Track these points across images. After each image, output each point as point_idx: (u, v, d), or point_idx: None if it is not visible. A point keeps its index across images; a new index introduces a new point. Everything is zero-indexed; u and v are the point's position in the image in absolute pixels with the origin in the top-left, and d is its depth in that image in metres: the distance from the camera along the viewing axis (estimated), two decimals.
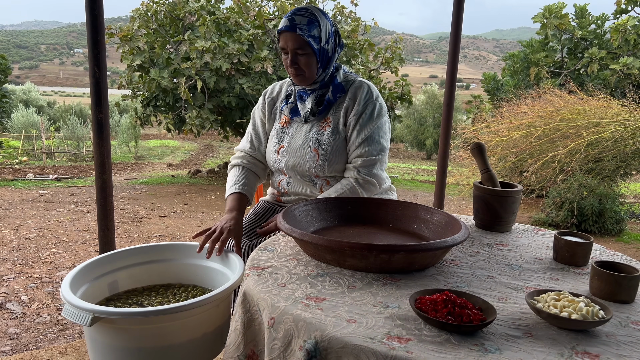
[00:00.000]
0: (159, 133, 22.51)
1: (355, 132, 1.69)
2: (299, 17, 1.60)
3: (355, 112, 1.69)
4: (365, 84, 1.73)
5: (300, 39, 1.59)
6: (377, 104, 1.71)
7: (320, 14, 1.64)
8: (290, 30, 1.59)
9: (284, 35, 1.62)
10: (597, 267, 1.07)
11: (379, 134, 1.70)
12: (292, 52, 1.62)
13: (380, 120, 1.71)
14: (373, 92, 1.73)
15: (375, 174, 1.68)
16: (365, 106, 1.69)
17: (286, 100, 1.80)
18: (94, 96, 2.04)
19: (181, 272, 1.73)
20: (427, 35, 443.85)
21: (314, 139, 1.70)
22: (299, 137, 1.73)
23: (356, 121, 1.69)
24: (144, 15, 7.96)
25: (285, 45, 1.63)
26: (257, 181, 1.86)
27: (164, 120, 8.06)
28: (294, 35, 1.59)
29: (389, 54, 8.76)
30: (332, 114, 1.72)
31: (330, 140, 1.68)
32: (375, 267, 1.14)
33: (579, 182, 5.35)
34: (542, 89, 6.73)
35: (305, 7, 1.64)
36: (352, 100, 1.70)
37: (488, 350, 0.82)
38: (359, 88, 1.71)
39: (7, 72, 16.33)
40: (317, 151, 1.69)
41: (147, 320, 1.30)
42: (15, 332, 2.53)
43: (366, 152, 1.67)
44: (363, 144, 1.68)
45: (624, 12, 7.88)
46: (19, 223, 4.89)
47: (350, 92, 1.72)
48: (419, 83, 41.01)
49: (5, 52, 61.28)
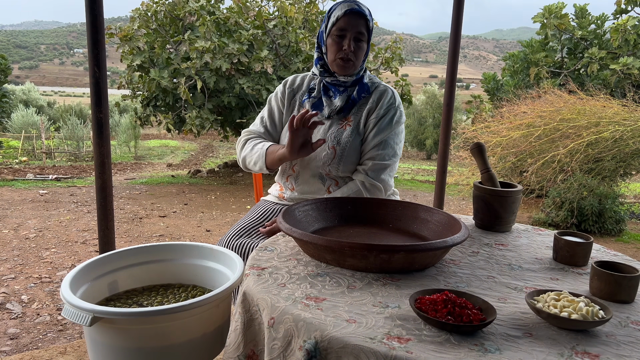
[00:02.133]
0: (159, 133, 22.51)
1: (372, 134, 1.69)
2: (362, 5, 1.63)
3: (376, 115, 1.70)
4: (391, 90, 1.76)
5: (366, 23, 1.63)
6: (398, 111, 1.73)
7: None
8: (362, 12, 1.61)
9: (349, 16, 1.61)
10: (597, 267, 1.07)
11: (394, 140, 1.71)
12: (354, 35, 1.63)
13: (398, 127, 1.73)
14: (397, 99, 1.75)
15: (383, 179, 1.68)
16: (387, 110, 1.71)
17: (308, 94, 1.79)
18: (94, 96, 2.04)
19: (181, 272, 1.73)
20: (427, 35, 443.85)
21: (333, 137, 1.70)
22: (317, 132, 1.72)
23: (375, 124, 1.70)
24: (143, 15, 7.96)
25: (347, 27, 1.62)
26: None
27: (164, 120, 8.06)
28: (362, 17, 1.61)
29: (389, 54, 8.76)
30: (354, 113, 1.73)
31: (350, 139, 1.69)
32: (375, 267, 1.14)
33: (579, 182, 5.35)
34: (542, 89, 6.73)
35: (357, 1, 1.65)
36: (376, 102, 1.72)
37: (488, 350, 0.82)
38: (384, 92, 1.74)
39: (7, 72, 16.32)
40: (335, 149, 1.69)
41: (147, 320, 1.30)
42: (15, 332, 2.53)
43: (378, 155, 1.68)
44: (377, 147, 1.69)
45: (624, 12, 7.88)
46: (18, 223, 4.89)
47: (375, 94, 1.73)
48: (419, 83, 41.03)
49: (5, 52, 61.28)
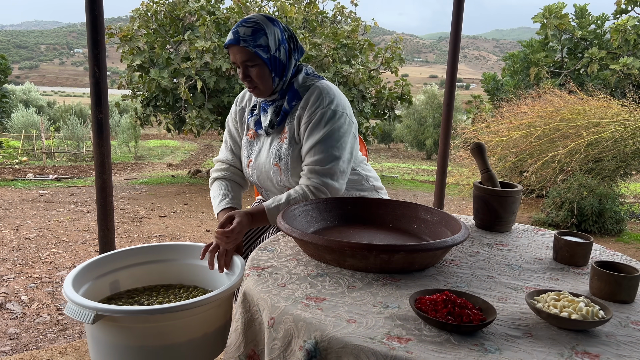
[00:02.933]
0: (159, 133, 22.51)
1: (305, 140, 1.59)
2: (243, 29, 1.53)
3: (306, 119, 1.59)
4: (319, 88, 1.60)
5: (246, 51, 1.53)
6: (329, 110, 1.57)
7: (267, 21, 1.57)
8: (235, 44, 1.53)
9: (231, 49, 1.56)
10: (597, 267, 1.07)
11: (329, 142, 1.56)
12: (243, 65, 1.56)
13: (332, 126, 1.56)
14: (326, 96, 1.59)
15: (327, 183, 1.56)
16: (314, 112, 1.58)
17: (251, 112, 1.74)
18: (94, 96, 2.04)
19: (182, 273, 1.74)
20: (427, 35, 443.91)
21: (274, 153, 1.63)
22: (264, 151, 1.68)
23: (305, 128, 1.59)
24: (144, 15, 7.96)
25: (235, 59, 1.57)
26: (241, 191, 1.82)
27: (164, 120, 8.06)
28: (239, 47, 1.53)
29: (389, 54, 8.77)
30: (289, 123, 1.63)
31: (289, 152, 1.60)
32: (375, 267, 1.14)
33: (579, 182, 5.35)
34: (542, 89, 6.73)
35: (250, 17, 1.57)
36: (303, 107, 1.60)
37: (488, 350, 0.82)
38: (312, 93, 1.60)
39: (7, 72, 16.31)
40: (279, 165, 1.62)
41: (150, 319, 1.31)
42: (15, 332, 2.53)
43: (314, 161, 1.56)
44: (310, 152, 1.57)
45: (624, 12, 7.88)
46: (19, 223, 4.89)
47: (304, 98, 1.61)
48: (419, 83, 41.03)
49: (5, 52, 61.29)
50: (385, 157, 19.21)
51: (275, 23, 1.58)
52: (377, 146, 23.41)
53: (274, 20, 1.58)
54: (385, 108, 9.02)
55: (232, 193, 1.73)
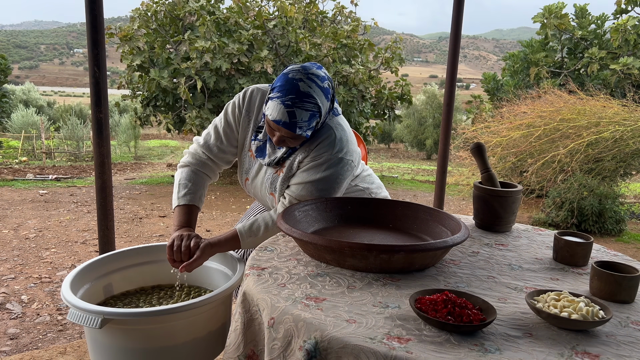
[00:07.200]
0: (158, 133, 22.51)
1: (299, 170, 1.53)
2: (300, 112, 1.39)
3: (310, 158, 1.51)
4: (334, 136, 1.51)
5: (297, 135, 1.43)
6: (336, 158, 1.49)
7: (320, 93, 1.43)
8: (289, 129, 1.40)
9: (279, 126, 1.41)
10: (597, 267, 1.07)
11: (321, 185, 1.50)
12: (283, 136, 1.45)
13: (331, 171, 1.49)
14: (337, 144, 1.50)
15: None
16: (321, 154, 1.50)
17: (255, 135, 1.63)
18: (94, 96, 2.04)
19: (173, 273, 1.73)
20: (427, 35, 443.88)
21: (269, 183, 1.59)
22: (260, 176, 1.64)
23: (305, 162, 1.52)
24: (143, 15, 7.96)
25: (276, 129, 1.44)
26: (208, 182, 1.72)
27: (163, 120, 8.06)
28: (291, 133, 1.42)
29: (389, 54, 8.77)
30: (289, 158, 1.57)
31: (284, 185, 1.57)
32: (375, 267, 1.14)
33: (579, 182, 5.35)
34: (542, 89, 6.73)
35: (308, 93, 1.40)
36: (312, 149, 1.52)
37: (488, 350, 0.82)
38: (326, 139, 1.50)
39: (7, 72, 16.33)
40: (274, 195, 1.60)
41: (157, 320, 1.31)
42: (15, 332, 2.53)
43: (299, 195, 1.51)
44: (299, 186, 1.51)
45: (624, 12, 7.88)
46: (18, 223, 4.88)
47: (317, 141, 1.51)
48: (419, 83, 41.03)
49: (5, 52, 61.32)
50: (385, 157, 19.21)
51: (324, 90, 1.46)
52: (377, 146, 23.42)
53: (324, 88, 1.45)
54: (385, 108, 9.02)
55: (200, 190, 1.65)
